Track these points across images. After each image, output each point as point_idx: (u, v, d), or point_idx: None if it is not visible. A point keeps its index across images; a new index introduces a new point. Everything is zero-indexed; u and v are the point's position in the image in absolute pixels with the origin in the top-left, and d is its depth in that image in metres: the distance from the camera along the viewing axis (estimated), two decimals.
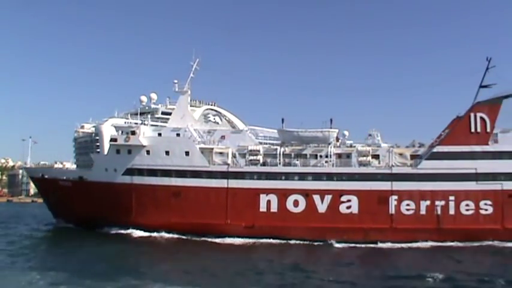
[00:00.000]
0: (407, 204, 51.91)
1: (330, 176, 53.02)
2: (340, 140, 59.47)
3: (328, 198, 52.30)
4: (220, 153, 54.35)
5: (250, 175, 53.53)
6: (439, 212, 51.60)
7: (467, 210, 51.63)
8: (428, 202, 51.70)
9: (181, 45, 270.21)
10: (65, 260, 38.94)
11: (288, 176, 53.19)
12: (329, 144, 54.91)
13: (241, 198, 52.86)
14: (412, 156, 54.03)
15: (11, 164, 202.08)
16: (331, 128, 55.75)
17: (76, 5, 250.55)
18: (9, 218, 77.86)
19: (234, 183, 53.34)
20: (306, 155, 55.02)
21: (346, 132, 65.27)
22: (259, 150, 54.34)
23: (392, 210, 51.85)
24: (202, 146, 54.86)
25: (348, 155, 54.80)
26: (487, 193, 51.63)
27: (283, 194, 52.68)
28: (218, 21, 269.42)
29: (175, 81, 58.73)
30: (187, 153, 54.24)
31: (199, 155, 54.12)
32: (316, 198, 52.40)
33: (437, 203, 51.65)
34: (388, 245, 50.22)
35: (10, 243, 47.39)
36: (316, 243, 50.37)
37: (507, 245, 49.28)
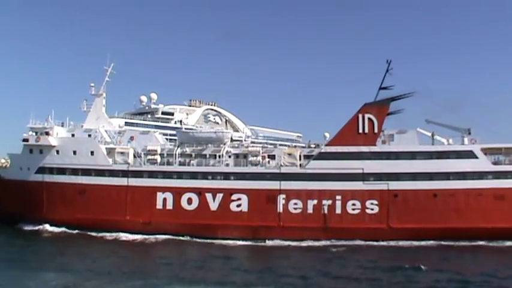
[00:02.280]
0: (295, 203, 53.44)
1: (221, 175, 55.13)
2: (247, 140, 61.46)
3: (219, 196, 54.42)
4: (122, 152, 57.29)
5: (148, 174, 56.30)
6: (325, 211, 52.95)
7: (353, 209, 52.77)
8: (315, 201, 53.09)
9: (181, 45, 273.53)
10: None
11: (182, 175, 55.66)
12: (224, 144, 57.00)
13: (139, 196, 55.72)
14: (305, 157, 55.49)
15: None
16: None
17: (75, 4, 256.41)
18: None
19: (134, 182, 56.28)
20: (205, 155, 57.35)
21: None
22: (156, 150, 56.99)
23: (280, 209, 53.50)
24: (107, 146, 58.03)
25: (245, 155, 56.76)
26: (373, 193, 52.64)
27: (178, 192, 55.20)
28: (218, 23, 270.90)
29: (92, 84, 62.09)
30: (92, 153, 57.50)
31: (102, 155, 57.29)
32: (209, 196, 54.64)
33: (324, 202, 52.98)
34: (276, 242, 52.10)
35: None
36: (208, 240, 52.87)
37: (392, 243, 50.48)
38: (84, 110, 61.84)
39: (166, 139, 78.53)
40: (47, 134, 59.06)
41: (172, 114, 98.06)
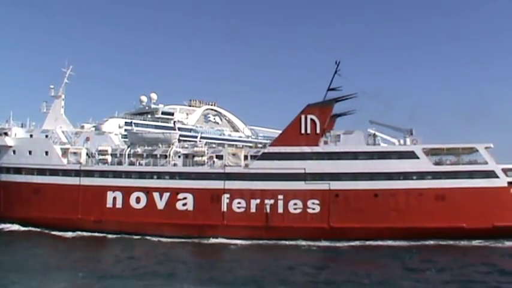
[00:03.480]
0: (239, 203, 54.46)
1: (168, 175, 56.52)
2: (201, 141, 62.70)
3: (166, 195, 55.76)
4: (74, 153, 58.97)
5: (99, 173, 57.94)
6: (268, 211, 53.90)
7: (295, 209, 53.61)
8: (258, 201, 54.02)
9: (180, 44, 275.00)
10: None
11: (130, 175, 57.16)
12: (172, 145, 58.34)
13: (91, 195, 57.34)
14: (251, 157, 56.48)
15: None
16: None
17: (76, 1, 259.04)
18: None
19: (85, 181, 57.93)
20: (156, 155, 58.76)
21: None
22: (107, 150, 58.54)
23: (224, 208, 54.63)
24: (62, 146, 59.79)
25: (194, 155, 57.98)
26: (314, 193, 53.40)
27: (127, 192, 56.66)
28: (219, 20, 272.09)
29: (52, 86, 63.97)
30: (46, 153, 59.35)
31: (56, 155, 59.05)
32: (156, 195, 56.00)
33: (266, 201, 53.88)
34: (219, 240, 53.16)
35: None
36: (155, 238, 54.19)
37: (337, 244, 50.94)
38: (44, 111, 63.58)
39: None
40: (6, 134, 60.98)
41: (172, 114, 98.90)
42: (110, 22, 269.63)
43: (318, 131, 54.44)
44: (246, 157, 56.74)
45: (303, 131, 54.53)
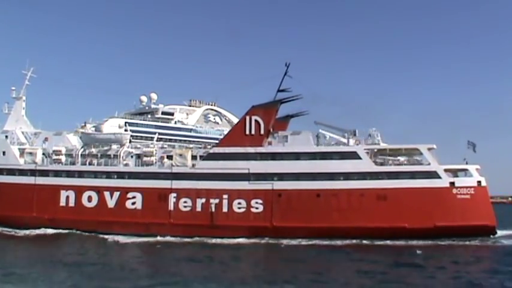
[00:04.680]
0: (185, 202, 55.76)
1: (118, 175, 57.99)
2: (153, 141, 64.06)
3: (116, 194, 57.27)
4: (30, 153, 60.69)
5: (53, 173, 59.65)
6: (213, 210, 55.04)
7: (239, 208, 54.70)
8: (203, 200, 55.26)
9: (180, 44, 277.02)
10: None
11: (83, 174, 58.78)
12: (123, 145, 59.79)
13: (45, 194, 59.01)
14: (200, 157, 57.68)
15: None
16: None
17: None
18: None
19: (40, 180, 59.66)
20: (110, 155, 60.27)
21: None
22: (61, 151, 60.17)
23: (171, 206, 55.93)
24: (20, 146, 61.62)
25: (144, 156, 59.34)
26: (258, 192, 54.40)
27: (79, 191, 58.29)
28: (220, 20, 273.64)
29: (13, 88, 65.76)
30: (4, 153, 61.20)
31: (13, 155, 60.85)
32: (107, 194, 57.53)
33: (211, 201, 55.06)
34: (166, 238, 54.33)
35: None
36: (106, 236, 55.54)
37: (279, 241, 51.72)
38: (6, 112, 65.37)
39: (167, 139, 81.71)
40: None
41: (172, 114, 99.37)
42: (110, 22, 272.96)
43: (262, 131, 55.43)
44: (195, 157, 57.95)
45: (247, 132, 55.57)
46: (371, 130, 57.27)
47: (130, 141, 61.17)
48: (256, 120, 55.46)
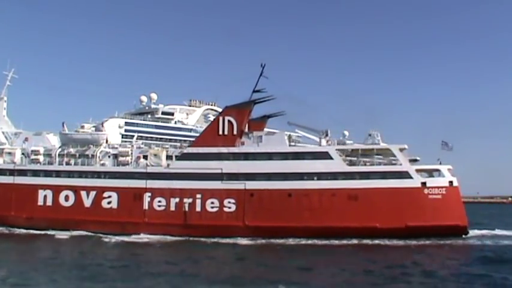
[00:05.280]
0: (159, 201, 56.42)
1: (94, 174, 58.75)
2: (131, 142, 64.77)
3: (93, 194, 58.04)
4: (9, 153, 61.55)
5: (31, 173, 60.47)
6: (186, 209, 55.67)
7: (212, 207, 55.30)
8: (177, 199, 55.91)
9: (180, 44, 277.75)
10: None
11: (60, 174, 59.60)
12: (100, 145, 60.55)
13: (23, 193, 59.82)
14: (172, 157, 58.35)
15: None
16: None
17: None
18: None
19: (19, 180, 60.43)
20: (88, 155, 61.05)
21: (346, 132, 66.24)
22: (39, 151, 61.00)
23: (146, 206, 56.62)
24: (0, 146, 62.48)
25: (125, 155, 60.07)
26: (230, 192, 54.98)
27: (56, 190, 59.08)
28: (220, 19, 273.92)
29: None
30: None
31: None
32: (83, 194, 58.31)
33: (185, 200, 55.69)
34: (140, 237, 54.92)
35: None
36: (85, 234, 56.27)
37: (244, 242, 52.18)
38: None
39: (167, 139, 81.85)
40: None
41: (172, 114, 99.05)
42: (110, 22, 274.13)
43: (235, 132, 55.99)
44: (170, 157, 58.60)
45: (220, 132, 56.17)
46: (371, 130, 57.77)
47: (107, 141, 61.81)
48: (229, 121, 56.03)
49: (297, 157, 55.00)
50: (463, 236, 53.54)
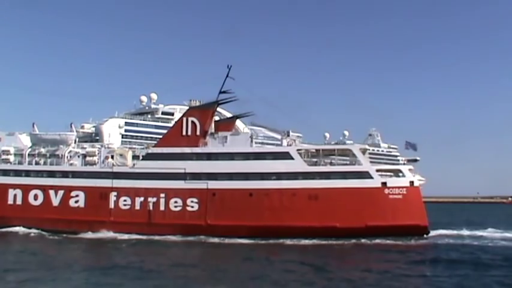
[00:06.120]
0: (125, 200, 57.44)
1: (62, 174, 59.92)
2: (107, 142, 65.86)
3: (61, 193, 59.19)
4: None
5: (1, 172, 61.63)
6: (151, 208, 56.64)
7: (176, 206, 56.23)
8: (142, 199, 56.90)
9: (180, 44, 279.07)
10: None
11: (29, 173, 60.81)
12: (69, 145, 61.70)
13: None
14: (139, 157, 59.35)
15: None
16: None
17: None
18: None
19: None
20: (58, 155, 62.24)
21: (346, 132, 66.88)
22: (9, 151, 62.27)
23: (112, 205, 57.65)
24: None
25: (92, 155, 61.19)
26: (193, 191, 55.87)
27: (26, 189, 60.28)
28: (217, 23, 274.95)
29: None
30: None
31: None
32: (52, 193, 59.46)
33: (150, 199, 56.65)
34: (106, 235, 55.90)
35: None
36: (49, 233, 57.37)
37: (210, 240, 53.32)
38: None
39: None
40: None
41: (172, 114, 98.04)
42: (110, 22, 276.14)
43: (198, 132, 56.88)
44: (138, 157, 59.60)
45: (184, 133, 57.08)
46: (371, 130, 58.32)
47: (75, 141, 62.94)
48: (192, 121, 56.95)
49: (258, 157, 55.79)
50: (424, 235, 53.94)
